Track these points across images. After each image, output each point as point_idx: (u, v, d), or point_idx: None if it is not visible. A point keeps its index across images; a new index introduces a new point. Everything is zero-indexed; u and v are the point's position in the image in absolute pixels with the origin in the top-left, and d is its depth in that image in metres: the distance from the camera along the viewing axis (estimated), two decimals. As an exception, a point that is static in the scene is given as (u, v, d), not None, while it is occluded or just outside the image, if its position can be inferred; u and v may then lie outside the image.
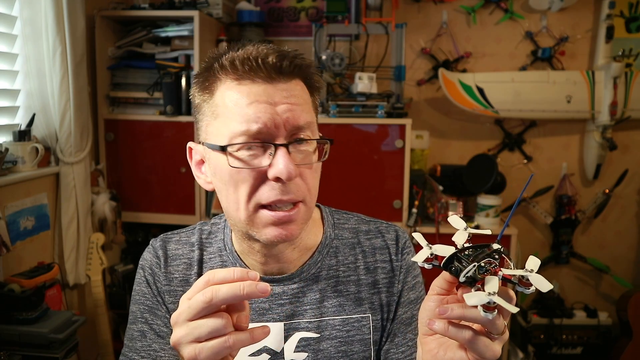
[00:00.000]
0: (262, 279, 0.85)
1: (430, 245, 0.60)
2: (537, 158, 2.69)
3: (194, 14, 2.16)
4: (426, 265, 0.60)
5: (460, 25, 2.61)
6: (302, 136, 0.76)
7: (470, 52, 2.60)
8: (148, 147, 2.27)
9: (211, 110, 0.77)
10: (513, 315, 2.47)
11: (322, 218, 0.93)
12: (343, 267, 0.89)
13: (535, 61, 2.60)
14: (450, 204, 2.36)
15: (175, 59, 2.24)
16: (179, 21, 2.23)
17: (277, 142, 0.73)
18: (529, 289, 0.56)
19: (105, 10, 2.22)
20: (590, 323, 2.59)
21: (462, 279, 0.56)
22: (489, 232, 0.66)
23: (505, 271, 0.57)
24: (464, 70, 2.59)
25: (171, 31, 2.22)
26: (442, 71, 2.47)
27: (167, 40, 2.25)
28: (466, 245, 0.60)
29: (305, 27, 2.64)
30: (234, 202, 0.77)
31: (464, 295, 0.55)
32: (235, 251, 0.88)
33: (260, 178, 0.74)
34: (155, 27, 2.25)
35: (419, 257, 0.60)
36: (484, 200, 2.32)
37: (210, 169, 0.81)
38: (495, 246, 0.58)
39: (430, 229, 2.25)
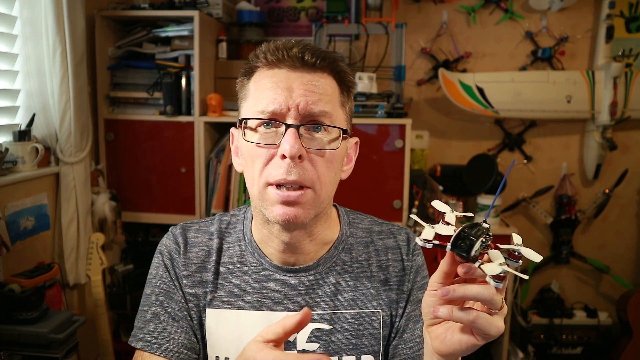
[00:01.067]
0: (279, 268, 0.90)
1: (432, 225, 0.63)
2: (537, 158, 2.69)
3: (194, 14, 2.16)
4: (427, 245, 0.63)
5: (460, 25, 2.61)
6: (316, 122, 0.81)
7: (470, 52, 2.61)
8: (148, 147, 2.27)
9: (245, 93, 0.86)
10: (513, 315, 2.47)
11: (339, 216, 0.97)
12: (357, 264, 0.93)
13: (535, 61, 2.60)
14: (450, 204, 2.36)
15: (175, 59, 2.24)
16: (179, 21, 2.23)
17: (287, 122, 0.79)
18: (518, 262, 0.60)
19: (105, 10, 2.22)
20: (590, 323, 2.59)
21: (473, 253, 0.59)
22: (471, 214, 0.72)
23: (500, 246, 0.61)
24: (464, 70, 2.60)
25: (171, 31, 2.22)
26: (442, 71, 2.47)
27: (167, 40, 2.25)
28: (463, 224, 0.63)
29: (305, 27, 2.64)
30: (250, 178, 0.84)
31: (482, 267, 0.59)
32: (254, 241, 0.92)
33: (271, 155, 0.80)
34: (155, 27, 2.25)
35: (426, 235, 0.63)
36: (484, 200, 2.32)
37: (240, 150, 0.88)
38: (485, 225, 0.62)
39: (430, 229, 2.24)
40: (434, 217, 2.28)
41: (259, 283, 0.90)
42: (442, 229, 0.63)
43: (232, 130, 0.91)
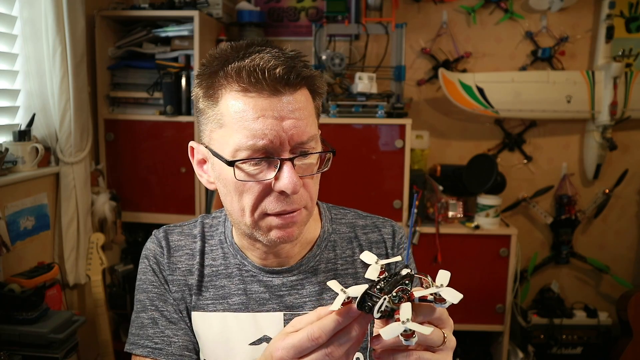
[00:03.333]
0: (262, 270, 0.88)
1: (344, 289, 0.59)
2: (537, 158, 2.69)
3: (194, 14, 2.16)
4: (338, 309, 0.59)
5: (460, 25, 2.61)
6: (306, 149, 0.77)
7: (470, 52, 2.60)
8: (148, 147, 2.27)
9: (216, 118, 0.77)
10: (513, 315, 2.47)
11: (320, 213, 0.95)
12: (341, 261, 0.92)
13: (535, 61, 2.60)
14: (450, 204, 2.36)
15: (175, 59, 2.24)
16: (179, 21, 2.23)
17: (282, 157, 0.74)
18: (445, 303, 0.57)
19: (105, 10, 2.22)
20: (590, 323, 2.59)
21: (376, 315, 0.56)
22: (398, 258, 0.67)
23: (416, 294, 0.57)
24: (464, 70, 2.59)
25: (171, 31, 2.22)
26: (442, 71, 2.47)
27: (167, 40, 2.25)
28: (380, 277, 0.59)
29: (305, 27, 2.64)
30: (239, 209, 0.79)
31: (380, 332, 0.55)
32: (236, 243, 0.91)
33: (265, 190, 0.76)
34: (155, 27, 2.25)
35: (335, 305, 0.58)
36: (484, 200, 2.32)
37: (214, 172, 0.82)
38: (404, 271, 0.58)
39: (431, 229, 2.25)
40: (434, 218, 2.28)
41: (243, 285, 0.89)
42: (354, 291, 0.58)
43: (192, 144, 0.84)
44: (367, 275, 0.62)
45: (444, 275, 0.59)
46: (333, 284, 0.62)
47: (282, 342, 0.61)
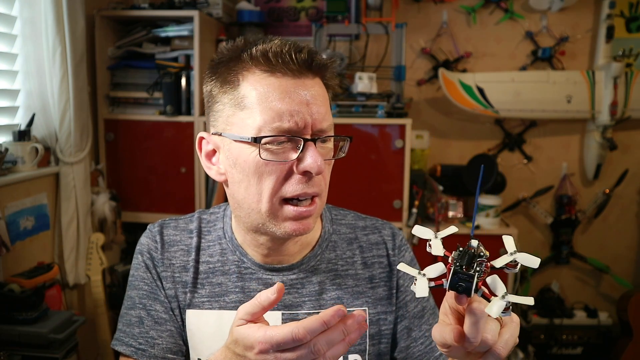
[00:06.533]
0: (261, 267, 0.88)
1: (422, 272, 0.59)
2: (537, 158, 2.69)
3: (194, 13, 2.16)
4: (425, 294, 0.58)
5: (460, 25, 2.61)
6: (327, 134, 0.79)
7: (471, 52, 2.60)
8: (148, 147, 2.27)
9: (236, 101, 0.77)
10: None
11: (320, 214, 0.95)
12: (341, 262, 0.91)
13: (536, 61, 2.60)
14: (450, 204, 2.36)
15: (175, 59, 2.24)
16: (179, 21, 2.23)
17: (306, 137, 0.75)
18: (516, 268, 0.57)
19: (105, 10, 2.22)
20: (590, 323, 2.59)
21: (473, 294, 0.55)
22: (455, 229, 0.66)
23: (495, 263, 0.57)
24: (464, 70, 2.59)
25: (171, 31, 2.22)
26: (442, 71, 2.46)
27: (167, 40, 2.25)
28: (453, 254, 0.58)
29: (305, 27, 2.63)
30: (256, 193, 0.77)
31: (487, 310, 0.54)
32: (235, 239, 0.90)
33: (287, 171, 0.76)
34: (155, 27, 2.25)
35: (423, 292, 0.57)
36: (484, 200, 2.32)
37: (228, 160, 0.81)
38: (474, 242, 0.58)
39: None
40: (434, 217, 2.28)
41: (241, 282, 0.88)
42: (432, 271, 0.58)
43: (203, 134, 0.84)
44: (433, 252, 0.61)
45: (510, 241, 0.59)
46: (404, 267, 0.62)
47: (262, 335, 0.61)
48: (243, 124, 0.76)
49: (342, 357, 0.86)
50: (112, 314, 2.29)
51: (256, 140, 0.74)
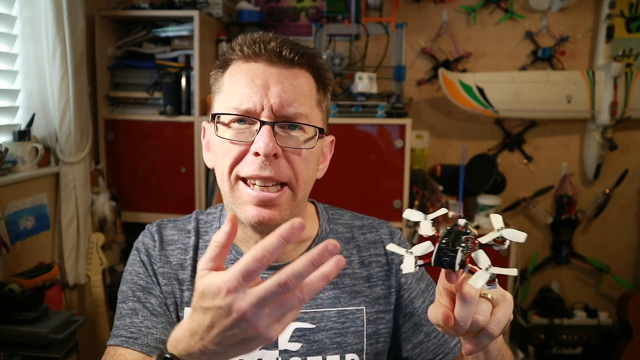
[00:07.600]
0: None
1: (409, 251, 0.61)
2: (537, 158, 2.69)
3: (194, 13, 2.16)
4: (415, 269, 0.60)
5: (460, 25, 2.61)
6: (294, 121, 0.79)
7: (471, 52, 2.60)
8: (148, 147, 2.27)
9: (218, 87, 0.84)
10: (513, 315, 2.46)
11: (317, 213, 0.95)
12: None
13: (536, 61, 2.60)
14: (450, 204, 2.36)
15: (175, 59, 2.24)
16: (179, 21, 2.23)
17: (262, 119, 0.77)
18: (504, 245, 0.59)
19: (105, 10, 2.22)
20: (590, 323, 2.59)
21: (457, 268, 0.57)
22: (445, 210, 0.69)
23: (482, 240, 0.59)
24: (464, 70, 2.59)
25: (171, 31, 2.22)
26: (442, 71, 2.46)
27: (167, 40, 2.25)
28: (439, 233, 0.61)
29: (305, 27, 2.63)
30: (220, 173, 0.82)
31: (469, 282, 0.56)
32: None
33: (244, 152, 0.79)
34: (155, 27, 2.25)
35: (409, 267, 0.60)
36: (484, 200, 2.32)
37: (211, 145, 0.86)
38: (461, 222, 0.59)
39: (430, 229, 2.24)
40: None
41: None
42: (419, 249, 0.60)
43: (204, 124, 0.90)
44: (422, 232, 0.63)
45: (497, 218, 0.60)
46: (393, 247, 0.64)
47: (225, 274, 0.55)
48: (217, 107, 0.83)
49: (339, 355, 0.86)
50: (112, 314, 2.29)
51: (212, 118, 0.80)
